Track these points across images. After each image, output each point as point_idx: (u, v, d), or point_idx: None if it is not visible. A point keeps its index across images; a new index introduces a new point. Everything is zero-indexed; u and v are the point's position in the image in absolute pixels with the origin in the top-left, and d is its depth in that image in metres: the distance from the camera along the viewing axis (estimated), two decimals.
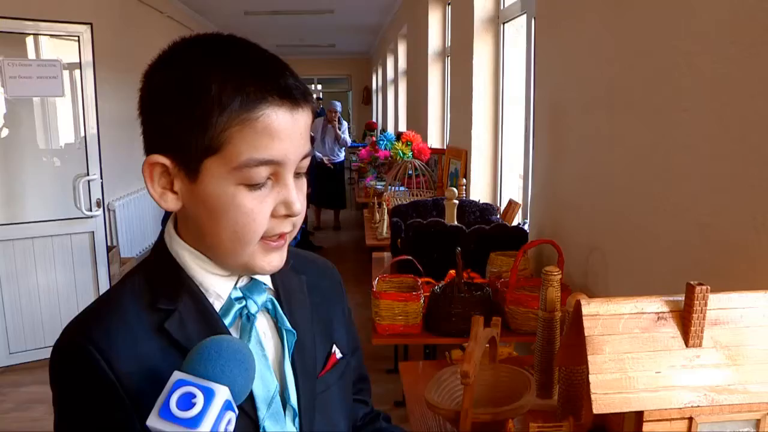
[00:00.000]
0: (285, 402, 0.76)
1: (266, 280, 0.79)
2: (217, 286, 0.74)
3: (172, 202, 0.70)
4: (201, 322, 0.71)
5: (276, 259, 0.73)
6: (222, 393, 0.59)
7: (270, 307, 0.78)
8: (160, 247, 0.76)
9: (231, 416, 0.60)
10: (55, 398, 0.69)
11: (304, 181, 0.74)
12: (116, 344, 0.67)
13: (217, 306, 0.74)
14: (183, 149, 0.67)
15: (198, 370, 0.60)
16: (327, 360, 0.84)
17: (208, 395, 0.58)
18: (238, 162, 0.66)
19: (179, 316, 0.70)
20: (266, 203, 0.69)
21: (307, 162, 0.73)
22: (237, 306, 0.74)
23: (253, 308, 0.75)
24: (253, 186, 0.68)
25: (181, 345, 0.68)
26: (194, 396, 0.58)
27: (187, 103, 0.65)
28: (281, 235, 0.72)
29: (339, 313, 0.91)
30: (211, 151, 0.66)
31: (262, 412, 0.72)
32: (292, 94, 0.67)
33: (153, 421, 0.57)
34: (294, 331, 0.78)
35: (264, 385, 0.73)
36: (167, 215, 0.78)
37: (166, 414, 0.57)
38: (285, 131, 0.67)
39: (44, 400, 3.31)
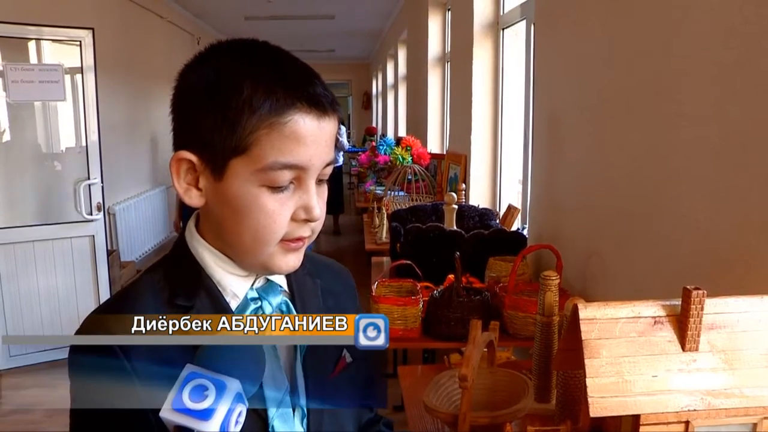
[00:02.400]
0: (294, 403, 0.77)
1: (281, 282, 0.80)
2: (235, 286, 0.76)
3: (196, 198, 0.73)
4: None
5: (293, 260, 0.75)
6: (233, 386, 0.61)
7: (284, 308, 0.79)
8: (180, 244, 0.78)
9: (242, 408, 0.62)
10: (72, 386, 0.71)
11: (325, 188, 0.76)
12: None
13: (233, 305, 0.75)
14: (211, 147, 0.70)
15: (210, 364, 0.62)
16: (337, 363, 0.85)
17: (220, 388, 0.60)
18: (264, 164, 0.68)
19: (196, 313, 0.72)
20: (287, 206, 0.71)
21: (329, 170, 0.75)
22: (252, 306, 0.76)
23: (267, 309, 0.77)
24: (276, 188, 0.70)
25: None
26: (206, 388, 0.60)
27: (219, 104, 0.68)
28: (300, 238, 0.74)
29: None
30: (238, 151, 0.68)
31: (272, 411, 0.74)
32: (321, 102, 0.70)
33: (166, 412, 0.59)
34: None
35: (275, 386, 0.75)
36: (188, 216, 0.81)
37: (179, 406, 0.59)
38: (311, 137, 0.69)
39: (44, 402, 3.31)
